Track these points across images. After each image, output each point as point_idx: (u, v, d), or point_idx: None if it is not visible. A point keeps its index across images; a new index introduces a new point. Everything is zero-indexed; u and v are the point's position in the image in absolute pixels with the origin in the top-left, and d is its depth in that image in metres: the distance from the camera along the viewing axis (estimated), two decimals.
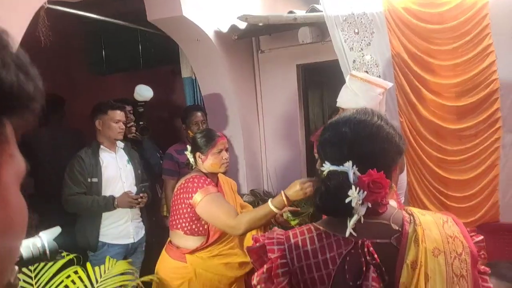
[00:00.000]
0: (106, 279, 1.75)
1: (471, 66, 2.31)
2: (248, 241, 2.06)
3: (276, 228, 1.00)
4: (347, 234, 0.84)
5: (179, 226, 1.93)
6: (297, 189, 1.65)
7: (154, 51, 4.25)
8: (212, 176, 2.01)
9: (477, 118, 2.37)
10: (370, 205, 0.83)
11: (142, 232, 2.76)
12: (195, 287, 1.87)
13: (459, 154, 2.47)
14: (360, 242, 0.83)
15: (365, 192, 0.82)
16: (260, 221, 1.77)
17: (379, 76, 2.49)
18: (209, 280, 1.90)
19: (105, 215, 2.52)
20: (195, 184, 1.88)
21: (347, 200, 0.83)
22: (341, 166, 0.86)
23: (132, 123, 3.05)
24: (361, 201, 0.82)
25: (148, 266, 2.46)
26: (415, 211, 0.92)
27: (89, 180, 2.49)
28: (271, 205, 1.72)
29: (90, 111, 2.64)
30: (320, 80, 4.27)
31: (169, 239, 2.03)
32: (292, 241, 0.88)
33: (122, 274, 2.24)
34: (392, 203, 0.96)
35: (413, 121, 2.45)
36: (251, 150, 3.65)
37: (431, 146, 2.50)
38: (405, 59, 2.42)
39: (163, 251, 2.02)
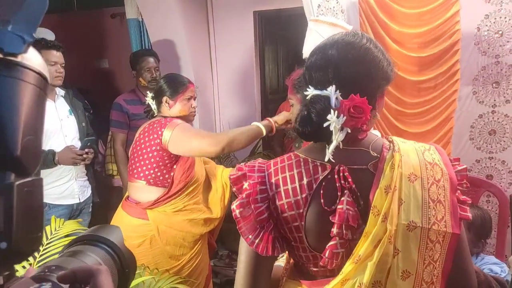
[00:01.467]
0: (53, 241, 1.52)
1: (436, 15, 2.27)
2: (213, 196, 1.94)
3: (259, 158, 0.96)
4: (326, 159, 0.84)
5: (141, 174, 1.74)
6: (284, 114, 1.69)
7: None
8: None
9: (438, 70, 2.37)
10: (349, 130, 0.82)
11: (88, 192, 2.51)
12: (158, 246, 1.72)
13: (417, 107, 2.49)
14: (336, 167, 0.84)
15: (345, 117, 0.81)
16: (243, 135, 1.65)
17: (346, 23, 2.38)
18: (172, 237, 1.75)
19: (44, 172, 2.22)
20: (162, 122, 1.70)
21: (325, 124, 0.82)
22: (324, 90, 0.84)
23: None
24: (340, 126, 0.81)
25: None
26: (396, 139, 0.91)
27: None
28: (257, 124, 1.67)
29: None
30: (276, 32, 4.10)
31: (126, 194, 1.83)
32: (272, 168, 0.89)
33: (70, 235, 2.03)
34: (375, 132, 0.96)
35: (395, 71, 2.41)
36: (205, 104, 3.45)
37: (391, 98, 2.49)
38: (372, 5, 2.32)
39: (119, 209, 1.83)
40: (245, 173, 0.89)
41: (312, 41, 2.12)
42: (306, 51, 2.13)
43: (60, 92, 2.41)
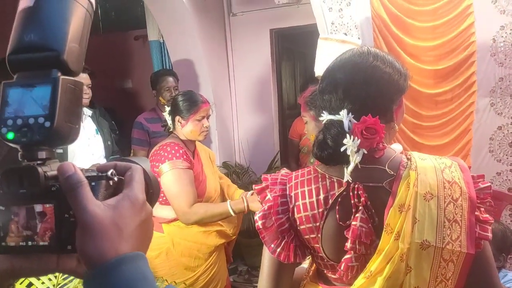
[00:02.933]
0: None
1: (450, 27, 2.28)
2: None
3: (284, 168, 1.03)
4: (345, 180, 0.86)
5: None
6: (258, 206, 1.63)
7: (115, 13, 3.96)
8: (190, 144, 1.89)
9: (454, 83, 2.37)
10: (365, 151, 0.84)
11: None
12: (173, 257, 1.76)
13: (434, 120, 2.47)
14: (352, 185, 0.86)
15: (359, 140, 0.83)
16: (213, 218, 1.75)
17: (359, 38, 2.42)
18: (187, 249, 1.80)
19: None
20: (166, 154, 1.75)
21: (342, 149, 0.84)
22: (337, 115, 0.87)
23: None
24: (356, 149, 0.83)
25: None
26: (416, 156, 0.91)
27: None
28: (229, 208, 1.71)
29: None
30: (293, 49, 4.17)
31: None
32: (293, 182, 0.94)
33: None
34: (397, 146, 0.96)
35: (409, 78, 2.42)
36: (223, 120, 3.53)
37: (407, 112, 2.49)
38: (385, 21, 2.35)
39: None
40: (268, 185, 0.95)
41: (322, 59, 2.17)
42: (318, 69, 2.17)
43: (87, 112, 2.52)
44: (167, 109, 1.87)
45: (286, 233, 0.90)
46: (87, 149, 2.41)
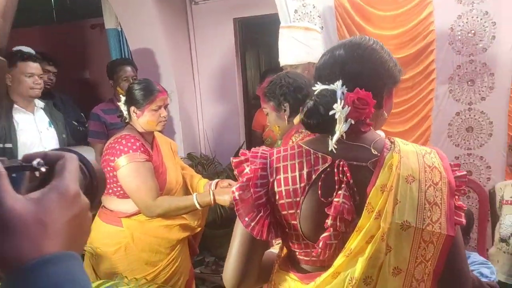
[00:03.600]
0: None
1: (410, 16, 2.32)
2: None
3: (262, 146, 1.00)
4: (330, 148, 0.87)
5: (110, 190, 1.72)
6: (227, 198, 1.61)
7: (70, 1, 3.75)
8: (147, 135, 1.81)
9: (414, 70, 2.41)
10: (353, 121, 0.85)
11: None
12: (133, 253, 1.69)
13: (395, 107, 2.51)
14: (337, 161, 0.86)
15: (349, 108, 0.84)
16: (178, 211, 1.68)
17: (322, 28, 2.42)
18: (148, 244, 1.72)
19: None
20: (121, 147, 1.66)
21: (330, 113, 0.85)
22: (331, 85, 0.88)
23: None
24: (344, 117, 0.85)
25: None
26: (398, 140, 0.93)
27: (1, 145, 2.12)
28: (195, 201, 1.65)
29: None
30: (257, 38, 4.12)
31: (101, 204, 1.81)
32: (275, 156, 0.92)
33: None
34: (381, 133, 0.98)
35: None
36: (187, 111, 3.44)
37: None
38: (348, 9, 2.36)
39: (96, 217, 1.80)
40: (248, 157, 0.92)
41: (287, 46, 2.14)
42: (283, 59, 2.14)
43: (39, 104, 2.37)
44: (123, 99, 1.78)
45: (263, 207, 0.88)
46: (39, 142, 2.27)
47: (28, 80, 2.22)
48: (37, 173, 0.41)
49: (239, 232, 0.93)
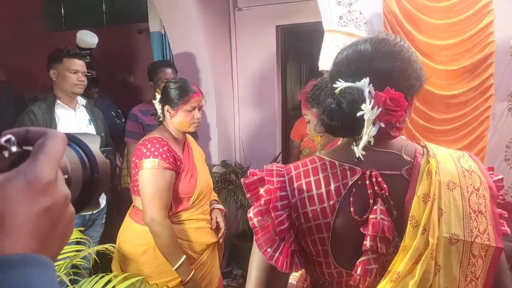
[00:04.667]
0: None
1: (467, 26, 2.14)
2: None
3: (274, 163, 0.88)
4: (358, 154, 0.76)
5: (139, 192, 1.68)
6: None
7: (119, 6, 3.87)
8: (179, 136, 1.76)
9: (469, 85, 2.22)
10: (383, 125, 0.74)
11: (103, 203, 2.48)
12: (161, 255, 1.61)
13: (446, 124, 2.32)
14: (368, 172, 0.75)
15: (380, 109, 0.73)
16: (165, 248, 1.57)
17: (368, 34, 2.28)
18: None
19: None
20: (145, 150, 1.61)
21: (359, 114, 0.74)
22: (357, 82, 0.76)
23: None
24: (373, 119, 0.74)
25: (109, 240, 2.20)
26: (429, 144, 0.83)
27: None
28: (178, 264, 1.57)
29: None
30: (299, 47, 4.04)
31: (133, 203, 1.77)
32: (293, 172, 0.80)
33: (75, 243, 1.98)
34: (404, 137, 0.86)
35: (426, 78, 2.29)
36: (224, 118, 3.40)
37: (418, 114, 2.34)
38: (398, 16, 2.21)
39: (127, 216, 1.77)
40: (262, 177, 0.80)
41: (327, 51, 2.04)
42: (322, 63, 2.04)
43: (82, 101, 2.42)
44: (158, 97, 1.75)
45: (286, 233, 0.76)
46: None
47: (73, 76, 2.27)
48: (5, 153, 0.33)
49: (256, 265, 0.80)
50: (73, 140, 0.42)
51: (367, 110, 0.73)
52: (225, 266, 3.20)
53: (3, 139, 0.33)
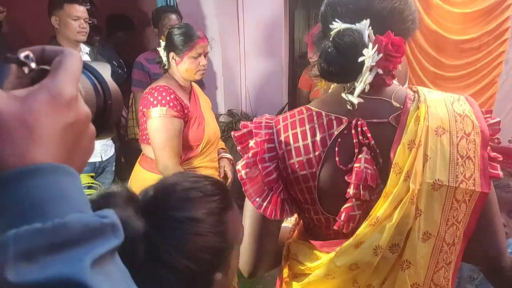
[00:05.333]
0: None
1: None
2: None
3: (266, 114, 0.87)
4: (355, 102, 0.73)
5: (148, 140, 1.70)
6: None
7: None
8: (186, 84, 1.74)
9: (483, 29, 2.15)
10: (380, 71, 0.72)
11: (111, 151, 2.52)
12: None
13: (458, 70, 2.28)
14: (354, 121, 0.75)
15: (381, 55, 0.70)
16: None
17: None
18: None
19: None
20: (152, 99, 1.60)
21: (360, 59, 0.71)
22: (356, 24, 0.72)
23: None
24: (373, 64, 0.71)
25: None
26: (422, 89, 0.80)
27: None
28: None
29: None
30: None
31: (142, 152, 1.80)
32: (282, 124, 0.80)
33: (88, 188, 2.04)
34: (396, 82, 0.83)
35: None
36: (230, 67, 3.35)
37: (428, 60, 2.30)
38: None
39: (137, 163, 1.81)
40: (251, 130, 0.81)
41: None
42: None
43: (85, 49, 2.39)
44: (162, 44, 1.71)
45: (274, 184, 0.78)
46: None
47: (74, 23, 2.21)
48: (25, 69, 0.34)
49: (249, 214, 0.82)
50: (85, 67, 0.42)
51: (369, 56, 0.70)
52: None
53: (22, 55, 0.34)
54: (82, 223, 0.30)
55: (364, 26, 0.71)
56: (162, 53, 1.72)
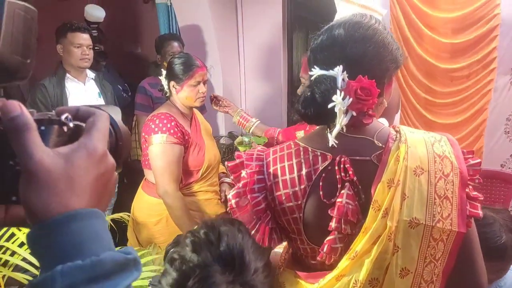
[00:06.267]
0: None
1: None
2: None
3: (258, 146, 0.94)
4: (330, 144, 0.80)
5: (150, 166, 1.77)
6: None
7: None
8: (187, 111, 1.83)
9: (472, 58, 2.23)
10: (354, 113, 0.77)
11: None
12: (174, 224, 1.73)
13: (449, 97, 2.36)
14: (337, 158, 0.79)
15: (351, 99, 0.76)
16: (177, 219, 1.68)
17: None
18: None
19: None
20: (153, 126, 1.69)
21: (330, 105, 0.77)
22: (330, 71, 0.78)
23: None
24: (345, 109, 0.77)
25: (121, 209, 2.33)
26: (405, 129, 0.84)
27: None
28: None
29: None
30: (306, 17, 4.00)
31: (145, 177, 1.88)
32: (271, 157, 0.85)
33: None
34: (383, 120, 0.91)
35: (404, 57, 2.30)
36: (230, 90, 3.44)
37: (420, 87, 2.38)
38: None
39: (139, 188, 1.88)
40: (243, 161, 0.86)
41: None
42: None
43: (90, 74, 2.48)
44: (164, 73, 1.80)
45: (262, 214, 0.83)
46: None
47: (77, 50, 2.31)
48: (65, 128, 0.41)
49: None
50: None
51: (339, 101, 0.76)
52: None
53: (64, 116, 0.41)
54: (113, 259, 0.37)
55: (337, 72, 0.77)
56: (164, 82, 1.81)
